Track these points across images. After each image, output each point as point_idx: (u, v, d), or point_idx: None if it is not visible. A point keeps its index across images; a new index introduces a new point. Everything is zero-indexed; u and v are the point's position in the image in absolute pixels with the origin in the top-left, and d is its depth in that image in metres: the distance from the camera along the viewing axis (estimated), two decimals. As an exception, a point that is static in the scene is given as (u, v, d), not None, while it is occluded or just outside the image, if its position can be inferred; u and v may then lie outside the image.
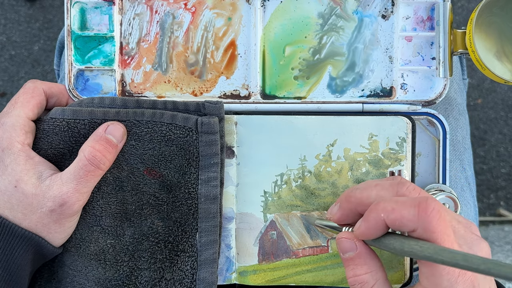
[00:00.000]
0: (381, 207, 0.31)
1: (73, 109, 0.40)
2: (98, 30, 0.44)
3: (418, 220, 0.30)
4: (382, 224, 0.31)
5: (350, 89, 0.44)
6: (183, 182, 0.41)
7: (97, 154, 0.38)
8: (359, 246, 0.34)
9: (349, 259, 0.34)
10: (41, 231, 0.37)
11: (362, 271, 0.33)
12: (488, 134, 1.25)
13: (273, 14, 0.44)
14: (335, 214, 0.36)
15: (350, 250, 0.34)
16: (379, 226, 0.32)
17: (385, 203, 0.31)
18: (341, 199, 0.36)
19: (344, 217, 0.36)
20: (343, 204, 0.36)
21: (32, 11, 1.36)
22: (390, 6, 0.44)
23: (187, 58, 0.44)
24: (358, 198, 0.35)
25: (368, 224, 0.32)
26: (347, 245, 0.34)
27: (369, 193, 0.34)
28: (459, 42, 0.42)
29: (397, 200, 0.31)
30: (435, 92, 0.44)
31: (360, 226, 0.33)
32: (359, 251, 0.33)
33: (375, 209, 0.32)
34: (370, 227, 0.32)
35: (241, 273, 0.43)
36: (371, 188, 0.34)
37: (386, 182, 0.35)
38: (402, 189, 0.34)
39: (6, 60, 1.35)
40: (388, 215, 0.31)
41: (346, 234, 0.34)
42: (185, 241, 0.41)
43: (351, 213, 0.35)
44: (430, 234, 0.30)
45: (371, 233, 0.32)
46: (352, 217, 0.36)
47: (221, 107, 0.41)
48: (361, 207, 0.34)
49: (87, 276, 0.40)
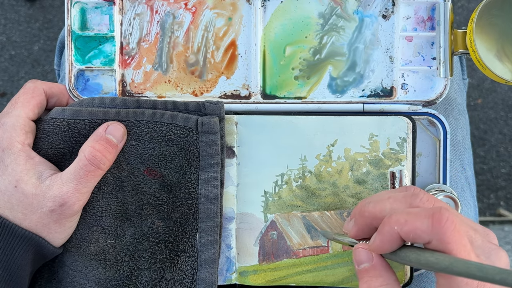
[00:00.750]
0: (394, 219, 0.31)
1: (74, 109, 0.40)
2: (98, 30, 0.44)
3: (432, 231, 0.29)
4: (397, 237, 0.31)
5: (350, 89, 0.44)
6: (183, 182, 0.41)
7: (97, 154, 0.38)
8: (375, 258, 0.33)
9: (363, 271, 0.33)
10: (41, 231, 0.37)
11: (377, 284, 0.32)
12: (488, 134, 1.25)
13: (273, 14, 0.44)
14: (351, 230, 0.36)
15: (365, 261, 0.33)
16: (393, 240, 0.31)
17: (398, 216, 0.31)
18: (355, 214, 0.35)
19: (360, 232, 0.35)
20: (358, 219, 0.35)
21: (32, 11, 1.36)
22: (391, 6, 0.44)
23: (188, 58, 0.44)
24: (372, 212, 0.34)
25: (382, 237, 0.31)
26: (363, 255, 0.33)
27: (383, 207, 0.33)
28: (460, 42, 0.42)
29: (410, 211, 0.31)
30: (436, 92, 0.44)
31: (375, 240, 0.32)
32: (374, 262, 0.32)
33: (388, 222, 0.31)
34: (385, 240, 0.31)
35: (241, 273, 0.43)
36: (384, 201, 0.34)
37: (399, 194, 0.34)
38: (416, 201, 0.33)
39: (6, 60, 1.35)
40: (402, 227, 0.30)
41: (363, 245, 0.34)
42: (185, 241, 0.41)
43: (367, 228, 0.35)
44: (446, 245, 0.29)
45: (386, 246, 0.31)
46: (367, 232, 0.35)
47: (221, 107, 0.41)
48: (375, 221, 0.34)
49: (87, 276, 0.40)
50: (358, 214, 0.35)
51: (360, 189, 0.42)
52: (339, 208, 0.43)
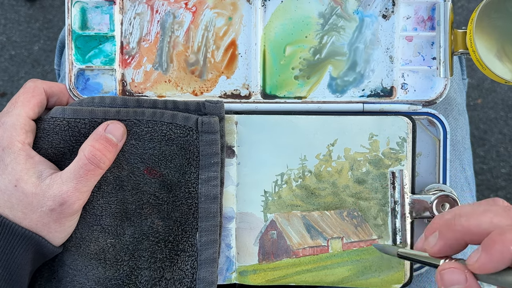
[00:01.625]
0: (509, 238, 0.28)
1: (74, 108, 0.40)
2: (98, 30, 0.44)
3: None
4: (509, 257, 0.28)
5: (350, 89, 0.44)
6: (183, 182, 0.41)
7: (97, 153, 0.38)
8: (470, 279, 0.29)
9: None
10: (41, 231, 0.37)
11: None
12: (488, 134, 1.25)
13: (273, 13, 0.44)
14: (434, 246, 0.32)
15: (458, 283, 0.30)
16: (504, 259, 0.28)
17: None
18: (440, 227, 0.32)
19: (446, 248, 0.31)
20: (446, 234, 0.31)
21: (32, 11, 1.36)
22: (391, 6, 0.44)
23: (188, 58, 0.44)
24: (465, 226, 0.30)
25: (490, 257, 0.28)
26: (455, 277, 0.30)
27: (480, 221, 0.30)
28: (460, 42, 0.42)
29: None
30: (436, 92, 0.44)
31: (480, 259, 0.28)
32: (468, 284, 0.29)
33: (501, 241, 0.28)
34: (494, 260, 0.28)
35: (241, 273, 0.43)
36: (480, 215, 0.30)
37: (496, 207, 0.31)
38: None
39: (6, 60, 1.35)
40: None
41: (455, 264, 0.30)
42: (185, 241, 0.41)
43: (455, 243, 0.31)
44: None
45: (492, 266, 0.28)
46: (455, 248, 0.31)
47: (221, 107, 0.41)
48: (469, 237, 0.30)
49: (87, 276, 0.40)
50: (446, 229, 0.31)
51: (360, 188, 0.42)
52: (339, 207, 0.43)
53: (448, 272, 0.30)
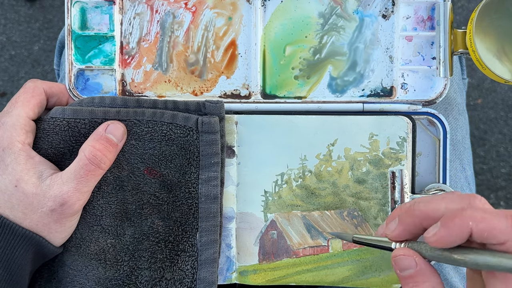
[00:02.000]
0: (468, 214, 0.29)
1: (74, 108, 0.40)
2: (98, 30, 0.44)
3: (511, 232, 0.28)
4: (466, 232, 0.29)
5: (350, 88, 0.44)
6: (183, 182, 0.41)
7: (97, 154, 0.38)
8: (419, 263, 0.31)
9: (408, 277, 0.31)
10: (41, 231, 0.37)
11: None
12: (488, 134, 1.25)
13: (273, 13, 0.44)
14: (394, 230, 0.33)
15: (410, 267, 0.31)
16: (461, 234, 0.29)
17: (474, 212, 0.29)
18: (400, 213, 0.33)
19: (405, 233, 0.33)
20: (405, 218, 0.33)
21: (32, 11, 1.36)
22: (391, 5, 0.44)
23: (188, 58, 0.44)
24: (423, 211, 0.32)
25: (449, 230, 0.29)
26: (405, 262, 0.31)
27: (437, 206, 0.32)
28: (460, 41, 0.42)
29: (486, 210, 0.29)
30: (436, 91, 0.44)
31: (438, 232, 0.30)
32: (419, 268, 0.31)
33: (461, 216, 0.29)
34: (451, 234, 0.29)
35: (241, 273, 0.43)
36: (438, 200, 0.32)
37: (452, 195, 0.32)
38: (476, 201, 0.31)
39: (6, 60, 1.35)
40: (477, 224, 0.28)
41: (403, 251, 0.32)
42: (185, 241, 0.41)
43: (414, 228, 0.33)
44: None
45: (451, 240, 0.29)
46: (414, 233, 0.33)
47: (221, 107, 0.41)
48: (426, 221, 0.32)
49: (87, 276, 0.40)
50: (406, 214, 0.33)
51: (360, 188, 0.42)
52: (339, 207, 0.43)
53: (400, 259, 0.32)
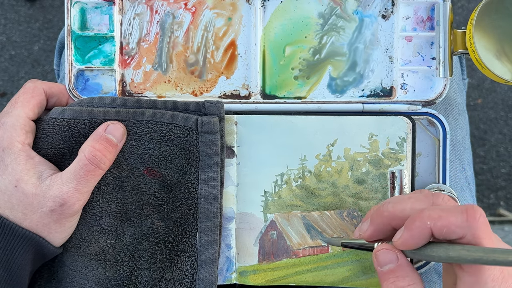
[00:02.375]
0: (426, 215, 0.31)
1: (73, 109, 0.40)
2: (98, 30, 0.44)
3: (467, 226, 0.30)
4: (427, 232, 0.31)
5: (350, 89, 0.44)
6: (183, 182, 0.41)
7: (97, 154, 0.38)
8: (400, 257, 0.32)
9: (388, 272, 0.32)
10: (41, 231, 0.37)
11: (404, 283, 0.32)
12: (488, 134, 1.25)
13: (273, 14, 0.44)
14: (366, 231, 0.35)
15: (390, 262, 0.32)
16: (423, 235, 0.31)
17: (431, 211, 0.31)
18: (371, 215, 0.35)
19: (376, 233, 0.35)
20: (375, 219, 0.35)
21: (32, 11, 1.36)
22: (390, 6, 0.44)
23: (187, 58, 0.44)
24: (391, 211, 0.33)
25: (411, 232, 0.31)
26: (387, 256, 0.33)
27: (403, 206, 0.33)
28: (459, 42, 0.42)
29: (443, 207, 0.31)
30: (435, 92, 0.44)
31: (403, 235, 0.31)
32: (400, 262, 0.32)
33: (420, 218, 0.31)
34: (414, 235, 0.31)
35: (241, 273, 0.43)
36: (404, 201, 0.34)
37: (418, 194, 0.34)
38: (438, 200, 0.33)
39: (6, 60, 1.35)
40: (435, 222, 0.30)
41: (386, 246, 0.33)
42: (185, 241, 0.41)
43: (384, 228, 0.34)
44: (479, 240, 0.30)
45: (414, 242, 0.31)
46: (385, 233, 0.35)
47: (221, 107, 0.41)
48: (395, 221, 0.33)
49: (87, 276, 0.40)
50: (376, 214, 0.35)
51: (359, 188, 0.42)
52: (339, 207, 0.43)
53: (381, 253, 0.33)
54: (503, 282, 0.30)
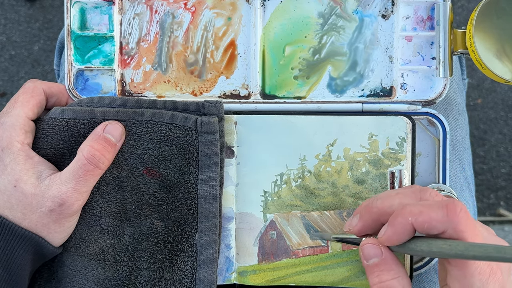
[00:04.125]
0: (408, 211, 0.31)
1: (73, 108, 0.40)
2: (98, 30, 0.44)
3: (447, 220, 0.30)
4: (410, 228, 0.31)
5: (350, 89, 0.44)
6: (182, 182, 0.41)
7: (96, 153, 0.38)
8: (385, 252, 0.33)
9: (373, 266, 0.33)
10: (40, 231, 0.37)
11: (389, 277, 0.32)
12: (488, 134, 1.25)
13: (273, 13, 0.44)
14: (355, 226, 0.36)
15: (374, 256, 0.33)
16: (406, 231, 0.31)
17: (412, 207, 0.31)
18: (360, 210, 0.36)
19: (365, 228, 0.35)
20: (364, 215, 0.35)
21: (32, 11, 1.36)
22: (390, 5, 0.44)
23: (187, 58, 0.44)
24: (380, 207, 0.34)
25: (394, 228, 0.32)
26: (372, 251, 0.33)
27: (391, 202, 0.34)
28: (459, 41, 0.42)
29: (424, 203, 0.31)
30: (435, 92, 0.44)
31: (386, 232, 0.32)
32: (384, 256, 0.33)
33: (402, 214, 0.31)
34: (397, 231, 0.32)
35: (240, 273, 0.43)
36: (392, 197, 0.34)
37: (407, 190, 0.34)
38: (425, 195, 0.33)
39: (6, 60, 1.35)
40: (416, 218, 0.31)
41: (371, 240, 0.34)
42: (184, 241, 0.41)
43: (373, 224, 0.35)
44: (460, 234, 0.30)
45: (397, 238, 0.32)
46: (373, 228, 0.35)
47: (220, 107, 0.41)
48: (383, 217, 0.34)
49: (87, 276, 0.40)
50: (365, 210, 0.35)
51: (359, 188, 0.42)
52: (338, 208, 0.43)
53: (367, 247, 0.34)
54: (491, 275, 0.31)
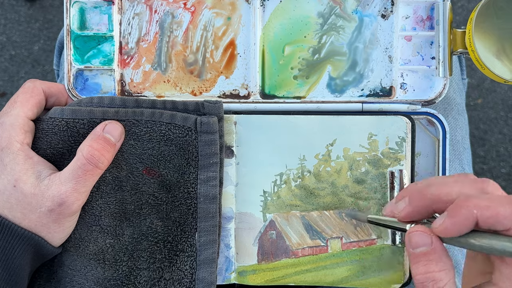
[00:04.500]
0: (473, 203, 0.29)
1: (72, 108, 0.40)
2: (97, 30, 0.44)
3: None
4: (472, 221, 0.29)
5: (349, 88, 0.44)
6: (182, 182, 0.41)
7: (95, 153, 0.38)
8: (435, 241, 0.31)
9: (421, 255, 0.31)
10: (40, 231, 0.37)
11: (437, 268, 0.31)
12: (488, 134, 1.25)
13: (272, 13, 0.44)
14: (402, 211, 0.33)
15: (423, 245, 0.31)
16: (468, 224, 0.29)
17: (478, 200, 0.30)
18: (410, 194, 0.33)
19: (414, 214, 0.33)
20: (415, 200, 0.33)
21: (32, 11, 1.36)
22: (390, 5, 0.44)
23: (187, 58, 0.44)
24: (436, 195, 0.32)
25: (454, 220, 0.30)
26: (421, 239, 0.31)
27: (450, 190, 0.32)
28: (459, 41, 0.42)
29: (490, 197, 0.30)
30: (435, 91, 0.44)
31: (444, 222, 0.30)
32: (434, 246, 0.31)
33: (466, 206, 0.30)
34: (457, 223, 0.30)
35: (240, 273, 0.43)
36: (450, 184, 0.32)
37: (464, 178, 0.32)
38: (488, 187, 0.31)
39: (6, 60, 1.35)
40: (483, 212, 0.29)
41: (421, 228, 0.32)
42: (184, 241, 0.41)
43: (423, 210, 0.33)
44: None
45: (456, 230, 0.30)
46: (422, 214, 0.33)
47: (220, 107, 0.41)
48: (437, 204, 0.32)
49: (86, 276, 0.40)
50: (417, 195, 0.33)
51: (359, 188, 0.42)
52: (338, 207, 0.43)
53: (416, 235, 0.31)
54: None
